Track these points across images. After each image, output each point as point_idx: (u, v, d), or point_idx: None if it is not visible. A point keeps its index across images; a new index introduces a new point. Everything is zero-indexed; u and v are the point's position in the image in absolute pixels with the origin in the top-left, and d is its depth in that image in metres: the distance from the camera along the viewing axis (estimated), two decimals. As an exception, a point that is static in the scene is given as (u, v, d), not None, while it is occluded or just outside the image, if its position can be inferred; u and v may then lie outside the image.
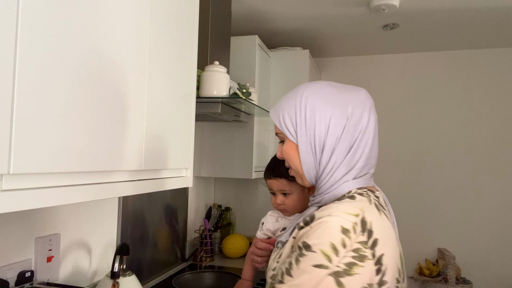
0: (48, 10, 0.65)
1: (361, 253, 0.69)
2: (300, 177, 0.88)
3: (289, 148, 0.87)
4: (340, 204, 0.76)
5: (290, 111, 0.86)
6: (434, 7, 2.11)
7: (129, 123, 0.89)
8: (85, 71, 0.75)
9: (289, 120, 0.86)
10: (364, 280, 0.69)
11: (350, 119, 0.82)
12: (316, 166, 0.84)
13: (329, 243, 0.70)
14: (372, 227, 0.72)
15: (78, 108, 0.73)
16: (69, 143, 0.70)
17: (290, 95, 0.89)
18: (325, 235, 0.71)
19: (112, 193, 0.85)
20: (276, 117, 0.89)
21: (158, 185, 1.05)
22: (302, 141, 0.84)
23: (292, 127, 0.85)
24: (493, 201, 2.77)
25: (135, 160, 0.92)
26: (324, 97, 0.84)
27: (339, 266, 0.68)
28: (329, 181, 0.83)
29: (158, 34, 1.02)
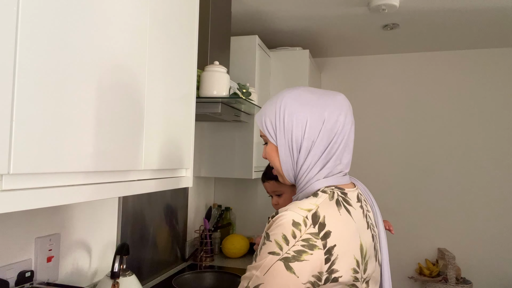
0: (48, 10, 0.65)
1: (311, 243, 0.78)
2: (280, 176, 0.96)
3: (270, 150, 0.95)
4: (300, 201, 0.85)
5: (271, 116, 0.93)
6: (434, 7, 2.11)
7: (129, 123, 0.89)
8: (84, 71, 0.75)
9: (270, 124, 0.93)
10: (313, 267, 0.77)
11: (326, 122, 0.89)
12: (294, 167, 0.92)
13: (281, 234, 0.79)
14: (325, 221, 0.81)
15: (78, 108, 0.73)
16: (69, 143, 0.70)
17: (271, 100, 0.96)
18: (279, 227, 0.80)
19: (112, 193, 0.85)
20: (260, 121, 0.96)
21: (158, 185, 1.05)
22: (281, 144, 0.92)
23: (272, 131, 0.93)
24: (493, 201, 2.78)
25: (135, 160, 0.92)
26: (302, 103, 0.91)
27: (289, 253, 0.77)
28: (304, 180, 0.91)
29: (158, 34, 1.02)
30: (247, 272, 0.83)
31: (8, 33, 0.58)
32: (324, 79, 3.16)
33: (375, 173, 2.96)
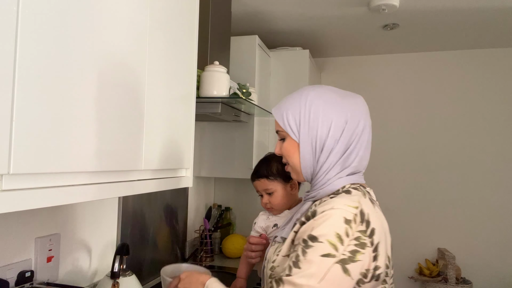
0: (48, 11, 0.65)
1: (361, 241, 0.77)
2: (296, 173, 0.95)
3: (289, 146, 0.93)
4: (340, 198, 0.83)
5: (294, 112, 0.91)
6: (434, 7, 2.11)
7: (129, 123, 0.89)
8: (84, 71, 0.75)
9: (292, 120, 0.91)
10: (364, 266, 0.77)
11: (349, 123, 0.88)
12: (314, 165, 0.91)
13: (335, 233, 0.76)
14: (369, 218, 0.80)
15: (78, 108, 0.73)
16: (69, 143, 0.70)
17: (294, 96, 0.94)
18: (330, 226, 0.77)
19: (113, 193, 0.85)
20: (280, 116, 0.94)
21: (158, 185, 1.05)
22: (304, 141, 0.90)
23: (295, 127, 0.91)
24: (493, 201, 2.77)
25: (135, 160, 0.92)
26: (327, 101, 0.90)
27: (345, 254, 0.75)
28: (324, 178, 0.90)
29: (158, 34, 1.02)
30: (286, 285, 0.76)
31: (8, 33, 0.58)
32: (324, 79, 3.16)
33: (374, 173, 2.96)
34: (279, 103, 0.97)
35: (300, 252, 0.78)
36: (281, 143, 0.96)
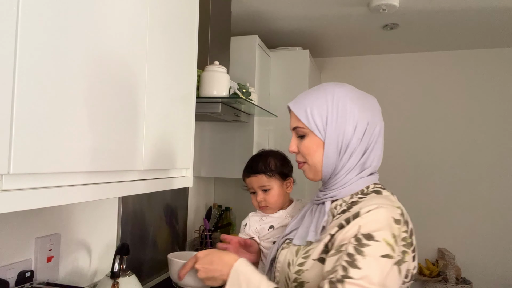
0: (47, 11, 0.65)
1: (408, 241, 0.76)
2: (314, 172, 0.91)
3: (312, 143, 0.88)
4: (379, 199, 0.81)
5: (320, 108, 0.87)
6: (434, 7, 2.11)
7: (129, 123, 0.89)
8: (84, 71, 0.75)
9: (318, 116, 0.87)
10: (409, 267, 0.77)
11: (370, 124, 0.87)
12: (337, 164, 0.88)
13: (391, 233, 0.74)
14: (407, 219, 0.81)
15: (78, 108, 0.73)
16: (69, 143, 0.70)
17: (317, 91, 0.90)
18: (383, 225, 0.75)
19: (112, 193, 0.85)
20: (302, 112, 0.89)
21: (158, 185, 1.05)
22: (330, 139, 0.86)
23: (321, 124, 0.87)
24: (493, 201, 2.77)
25: (135, 160, 0.92)
26: (352, 99, 0.88)
27: (399, 255, 0.74)
28: (345, 178, 0.87)
29: (158, 34, 1.01)
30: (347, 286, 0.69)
31: (8, 33, 0.58)
32: (324, 79, 3.16)
33: (375, 173, 2.96)
34: (297, 99, 0.92)
35: (353, 251, 0.73)
36: (299, 140, 0.91)
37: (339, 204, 0.88)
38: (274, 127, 2.54)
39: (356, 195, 0.87)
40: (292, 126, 0.92)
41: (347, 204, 0.86)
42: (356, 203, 0.83)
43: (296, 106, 0.91)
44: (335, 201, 0.89)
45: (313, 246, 0.84)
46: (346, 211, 0.83)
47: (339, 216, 0.84)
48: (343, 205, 0.86)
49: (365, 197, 0.84)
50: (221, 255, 0.85)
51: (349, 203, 0.85)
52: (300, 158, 0.92)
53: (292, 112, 0.92)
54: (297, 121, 0.90)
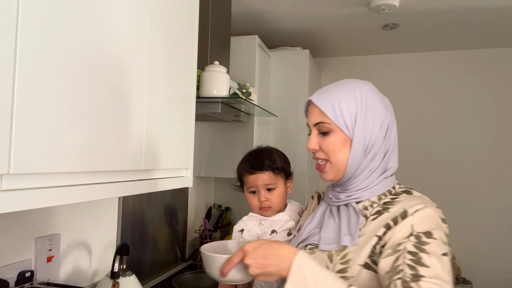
0: (48, 10, 0.65)
1: (448, 241, 0.77)
2: (335, 171, 0.86)
3: (338, 140, 0.84)
4: (417, 198, 0.81)
5: (349, 104, 0.83)
6: (434, 7, 2.11)
7: (129, 123, 0.89)
8: (85, 71, 0.75)
9: (347, 113, 0.83)
10: None
11: (390, 124, 0.86)
12: (361, 164, 0.85)
13: (443, 232, 0.75)
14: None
15: (78, 108, 0.73)
16: (69, 143, 0.70)
17: (343, 87, 0.87)
18: (435, 224, 0.75)
19: (112, 193, 0.85)
20: (329, 107, 0.84)
21: (158, 185, 1.05)
22: (358, 137, 0.83)
23: (350, 121, 0.83)
24: (493, 201, 2.77)
25: (135, 160, 0.92)
26: (378, 98, 0.87)
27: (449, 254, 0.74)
28: (368, 179, 0.85)
29: (158, 34, 1.01)
30: (425, 284, 0.66)
31: (8, 33, 0.58)
32: (324, 79, 3.16)
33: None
34: (321, 93, 0.87)
35: (415, 249, 0.71)
36: (320, 137, 0.86)
37: (369, 205, 0.85)
38: (274, 127, 2.54)
39: (385, 196, 0.85)
40: (314, 122, 0.87)
41: (378, 205, 0.84)
42: (392, 203, 0.82)
43: (321, 100, 0.85)
44: (360, 202, 0.86)
45: (350, 250, 0.80)
46: (383, 212, 0.81)
47: (375, 217, 0.81)
48: (375, 206, 0.84)
49: (398, 197, 0.83)
50: (275, 247, 0.74)
51: (381, 204, 0.83)
52: (322, 155, 0.87)
53: (315, 107, 0.87)
54: (321, 116, 0.85)
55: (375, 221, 0.81)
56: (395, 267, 0.71)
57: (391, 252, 0.73)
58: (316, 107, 0.86)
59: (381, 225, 0.79)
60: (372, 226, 0.80)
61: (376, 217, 0.81)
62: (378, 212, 0.82)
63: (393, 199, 0.83)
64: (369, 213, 0.83)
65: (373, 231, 0.79)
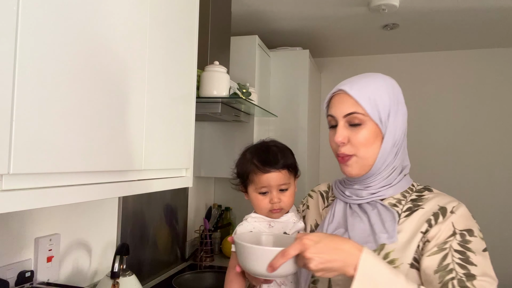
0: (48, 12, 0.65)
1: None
2: (361, 166, 0.82)
3: (371, 134, 0.80)
4: (445, 195, 0.82)
5: (383, 98, 0.81)
6: (434, 7, 2.11)
7: (129, 123, 0.89)
8: (85, 71, 0.75)
9: (382, 106, 0.80)
10: None
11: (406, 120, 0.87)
12: (386, 160, 0.83)
13: (478, 228, 0.77)
14: None
15: (78, 109, 0.73)
16: (69, 143, 0.70)
17: (375, 79, 0.83)
18: (471, 221, 0.77)
19: (112, 193, 0.85)
20: (365, 98, 0.80)
21: (158, 185, 1.05)
22: (390, 131, 0.81)
23: (384, 115, 0.81)
24: (493, 201, 2.77)
25: (135, 160, 0.92)
26: (402, 94, 0.88)
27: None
28: (390, 177, 0.84)
29: (158, 34, 1.01)
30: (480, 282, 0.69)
31: (8, 33, 0.58)
32: (324, 79, 3.16)
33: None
34: (354, 83, 0.82)
35: (461, 248, 0.72)
36: (350, 129, 0.81)
37: (396, 202, 0.84)
38: (274, 127, 2.54)
39: (408, 194, 0.85)
40: (345, 112, 0.81)
41: (406, 201, 0.83)
42: (421, 200, 0.82)
43: (356, 90, 0.81)
44: (384, 200, 0.85)
45: (390, 248, 0.77)
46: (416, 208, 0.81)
47: (407, 214, 0.81)
48: (402, 203, 0.83)
49: (423, 194, 0.84)
50: (339, 242, 0.69)
51: (409, 201, 0.83)
52: (349, 150, 0.81)
53: (347, 97, 0.81)
54: (355, 106, 0.80)
55: (411, 217, 0.80)
56: (445, 266, 0.71)
57: (437, 250, 0.73)
58: (349, 97, 0.81)
59: (422, 221, 0.78)
60: (410, 223, 0.79)
61: (409, 213, 0.81)
62: (410, 209, 0.81)
63: (419, 196, 0.83)
64: (399, 210, 0.82)
65: (415, 228, 0.78)
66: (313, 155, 2.85)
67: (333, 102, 0.85)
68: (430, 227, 0.77)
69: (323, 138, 3.12)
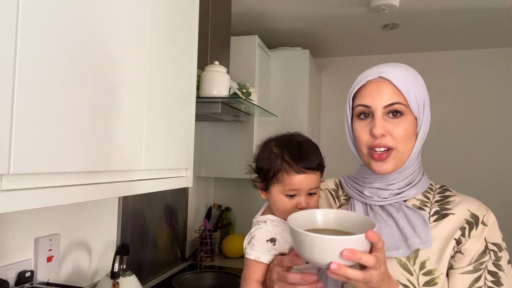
0: (47, 12, 0.65)
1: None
2: (397, 162, 0.76)
3: (411, 126, 0.76)
4: (471, 198, 0.79)
5: (419, 89, 0.77)
6: (434, 7, 2.11)
7: (129, 123, 0.89)
8: (85, 72, 0.75)
9: (419, 98, 0.76)
10: None
11: None
12: (416, 154, 0.79)
13: (502, 237, 0.75)
14: None
15: (78, 109, 0.73)
16: (69, 143, 0.70)
17: (408, 70, 0.78)
18: (498, 231, 0.75)
19: (112, 193, 0.85)
20: (407, 88, 0.75)
21: (158, 185, 1.05)
22: (424, 125, 0.77)
23: (421, 107, 0.77)
24: (492, 201, 2.77)
25: (135, 160, 0.92)
26: None
27: None
28: (414, 173, 0.80)
29: (158, 34, 1.01)
30: None
31: (8, 34, 0.58)
32: (324, 79, 3.16)
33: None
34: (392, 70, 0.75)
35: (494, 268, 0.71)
36: (389, 121, 0.75)
37: (421, 205, 0.79)
38: (274, 127, 2.54)
39: (429, 194, 0.81)
40: (387, 102, 0.74)
41: (431, 204, 0.79)
42: (448, 203, 0.78)
43: (398, 78, 0.74)
44: (407, 201, 0.80)
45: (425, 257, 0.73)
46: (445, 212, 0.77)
47: (436, 218, 0.77)
48: (428, 205, 0.79)
49: (447, 196, 0.80)
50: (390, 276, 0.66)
51: (434, 203, 0.79)
52: (390, 142, 0.74)
53: (388, 85, 0.75)
54: (398, 96, 0.74)
55: (442, 223, 0.75)
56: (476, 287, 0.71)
57: (472, 270, 0.71)
58: (391, 85, 0.75)
59: (455, 228, 0.74)
60: (442, 230, 0.75)
61: (438, 218, 0.76)
62: (438, 213, 0.77)
63: (444, 198, 0.80)
64: (427, 213, 0.77)
65: (448, 235, 0.74)
66: (313, 155, 2.84)
67: (367, 91, 0.77)
68: (463, 236, 0.73)
69: (323, 138, 3.12)
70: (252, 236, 0.83)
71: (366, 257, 0.58)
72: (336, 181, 0.95)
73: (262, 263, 0.79)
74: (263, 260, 0.79)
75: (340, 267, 0.57)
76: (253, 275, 0.80)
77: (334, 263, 0.57)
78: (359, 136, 0.78)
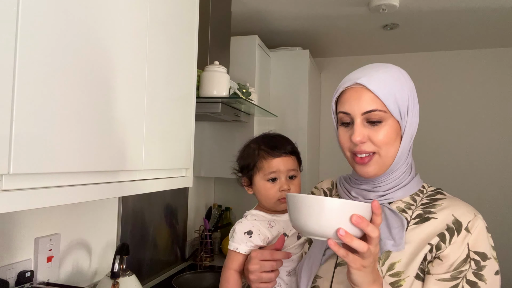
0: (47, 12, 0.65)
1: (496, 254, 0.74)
2: (381, 166, 0.76)
3: (393, 131, 0.74)
4: (462, 202, 0.77)
5: (403, 92, 0.74)
6: (434, 7, 2.11)
7: (129, 123, 0.89)
8: (85, 72, 0.75)
9: (401, 101, 0.74)
10: None
11: None
12: (403, 157, 0.78)
13: (491, 246, 0.71)
14: None
15: (78, 108, 0.73)
16: (69, 143, 0.70)
17: (391, 71, 0.76)
18: (487, 239, 0.71)
19: (112, 193, 0.85)
20: (386, 94, 0.73)
21: (158, 185, 1.05)
22: (409, 128, 0.76)
23: (404, 110, 0.75)
24: (492, 201, 2.77)
25: (135, 160, 0.92)
26: None
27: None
28: (400, 178, 0.79)
29: (158, 34, 1.01)
30: None
31: (8, 34, 0.58)
32: (324, 79, 3.16)
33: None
34: (371, 76, 0.74)
35: (474, 278, 0.68)
36: (369, 127, 0.74)
37: (405, 207, 0.78)
38: (274, 127, 2.54)
39: (418, 196, 0.79)
40: (365, 109, 0.73)
41: (416, 207, 0.77)
42: (434, 206, 0.76)
43: (376, 84, 0.72)
44: (392, 203, 0.79)
45: (396, 258, 0.73)
46: (427, 216, 0.75)
47: (417, 221, 0.75)
48: (412, 208, 0.77)
49: (435, 199, 0.78)
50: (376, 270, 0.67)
51: (419, 206, 0.77)
52: (370, 147, 0.75)
53: (366, 92, 0.73)
54: (376, 103, 0.73)
55: (422, 227, 0.74)
56: None
57: (449, 278, 0.69)
58: (368, 92, 0.73)
59: (433, 233, 0.73)
60: (419, 234, 0.74)
61: (419, 221, 0.75)
62: (420, 216, 0.76)
63: (431, 201, 0.78)
64: (408, 216, 0.76)
65: (424, 238, 0.73)
66: (313, 155, 2.85)
67: (346, 97, 0.76)
68: (443, 242, 0.71)
69: (323, 138, 3.12)
70: (233, 228, 0.96)
71: (371, 226, 0.59)
72: (333, 181, 0.99)
73: (240, 253, 0.90)
74: (240, 251, 0.91)
75: (347, 234, 0.58)
76: (231, 264, 0.91)
77: (342, 229, 0.58)
78: (341, 142, 0.80)
